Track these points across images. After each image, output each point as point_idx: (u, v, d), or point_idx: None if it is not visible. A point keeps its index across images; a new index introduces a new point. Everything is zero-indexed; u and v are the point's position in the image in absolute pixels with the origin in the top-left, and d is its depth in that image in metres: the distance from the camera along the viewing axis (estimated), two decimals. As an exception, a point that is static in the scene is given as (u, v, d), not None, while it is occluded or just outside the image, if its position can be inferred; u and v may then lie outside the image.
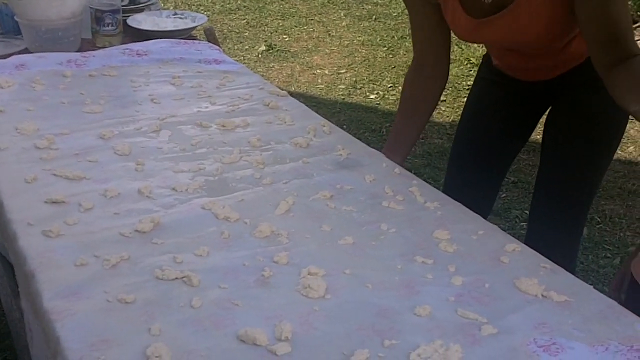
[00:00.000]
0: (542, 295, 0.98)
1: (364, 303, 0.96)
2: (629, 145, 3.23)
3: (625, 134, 3.26)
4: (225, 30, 4.79)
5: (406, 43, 4.60)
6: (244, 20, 5.04)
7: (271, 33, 4.79)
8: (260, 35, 4.74)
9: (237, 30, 4.83)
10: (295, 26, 4.95)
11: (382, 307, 0.95)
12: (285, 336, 0.87)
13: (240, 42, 4.59)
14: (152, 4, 2.37)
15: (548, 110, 1.50)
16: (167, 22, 2.24)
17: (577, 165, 1.42)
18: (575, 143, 1.41)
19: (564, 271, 1.06)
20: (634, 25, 5.18)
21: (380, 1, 5.56)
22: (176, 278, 0.98)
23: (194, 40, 2.10)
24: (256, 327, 0.88)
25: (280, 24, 4.99)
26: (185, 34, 2.20)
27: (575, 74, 1.38)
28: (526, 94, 1.49)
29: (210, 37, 2.16)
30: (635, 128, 3.39)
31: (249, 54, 4.39)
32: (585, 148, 1.40)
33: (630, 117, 1.40)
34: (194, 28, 2.25)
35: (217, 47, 2.07)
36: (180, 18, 2.28)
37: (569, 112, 1.41)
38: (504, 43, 1.39)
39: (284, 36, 4.75)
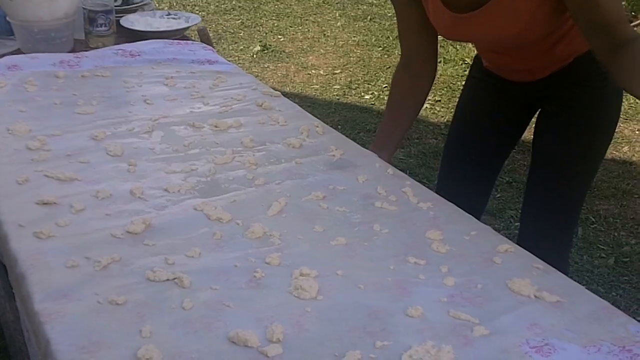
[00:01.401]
0: (535, 296, 0.98)
1: (356, 304, 0.96)
2: (623, 145, 3.23)
3: (619, 134, 3.30)
4: (220, 31, 4.79)
5: (401, 43, 4.59)
6: (239, 21, 5.04)
7: (266, 33, 4.79)
8: (255, 36, 4.73)
9: (232, 31, 4.82)
10: (290, 26, 4.95)
11: (374, 308, 0.95)
12: (276, 338, 0.87)
13: (235, 43, 4.59)
14: (145, 4, 2.36)
15: (539, 110, 1.50)
16: (160, 23, 2.23)
17: (567, 165, 1.42)
18: (565, 142, 1.41)
19: (556, 272, 1.06)
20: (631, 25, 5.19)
21: (375, 1, 5.56)
22: (167, 279, 0.98)
23: (187, 41, 2.10)
24: (247, 329, 0.88)
25: (275, 24, 4.99)
26: (178, 35, 2.19)
27: (565, 74, 1.38)
28: (517, 93, 1.49)
29: (204, 37, 2.15)
30: (630, 128, 3.40)
31: (243, 54, 4.38)
32: (575, 147, 1.41)
33: (622, 116, 1.39)
34: (187, 28, 2.24)
35: (211, 48, 2.07)
36: (174, 18, 2.27)
37: (559, 112, 1.41)
38: (485, 40, 1.40)
39: (279, 36, 4.74)
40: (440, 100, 3.73)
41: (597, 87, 1.27)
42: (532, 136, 1.52)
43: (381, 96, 3.78)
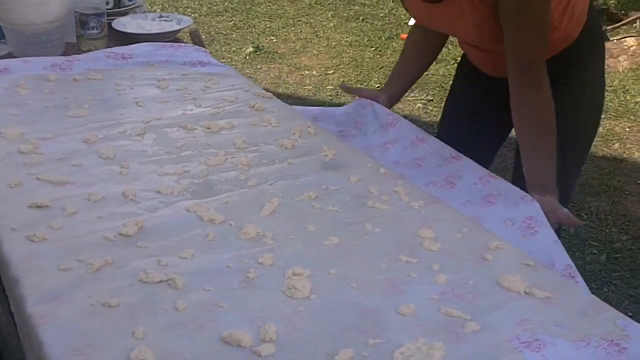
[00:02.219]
0: (525, 292, 0.99)
1: (349, 303, 0.96)
2: (614, 142, 3.25)
3: (610, 131, 3.32)
4: (212, 32, 4.79)
5: (393, 43, 4.61)
6: (231, 22, 5.04)
7: (258, 34, 4.79)
8: (248, 37, 4.74)
9: (225, 32, 4.82)
10: (283, 27, 4.96)
11: (367, 307, 0.95)
12: (269, 337, 0.87)
13: (228, 44, 4.59)
14: (137, 6, 2.37)
15: None
16: (152, 25, 2.23)
17: None
18: None
19: (547, 268, 1.07)
20: (619, 24, 5.22)
21: (367, 2, 5.57)
22: (160, 281, 0.98)
23: (180, 43, 2.10)
24: (240, 329, 0.89)
25: (268, 26, 5.00)
26: (170, 37, 2.20)
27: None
28: (500, 89, 1.49)
29: (196, 39, 2.16)
30: (620, 125, 3.42)
31: (236, 55, 4.39)
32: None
33: (613, 113, 1.41)
34: (179, 31, 2.24)
35: (204, 49, 2.07)
36: (166, 21, 2.28)
37: None
38: (448, 32, 1.49)
39: (272, 37, 4.75)
40: (432, 100, 3.75)
41: (575, 84, 1.29)
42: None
43: (374, 96, 3.79)
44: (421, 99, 3.77)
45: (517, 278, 1.01)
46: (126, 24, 2.20)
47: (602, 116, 3.56)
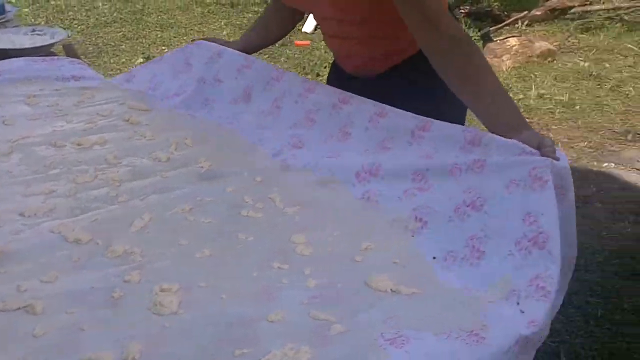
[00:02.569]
0: (392, 290, 1.02)
1: (219, 314, 0.96)
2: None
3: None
4: (100, 44, 4.64)
5: (287, 50, 4.64)
6: (121, 33, 4.91)
7: (149, 45, 4.69)
8: (138, 48, 4.63)
9: (113, 44, 4.69)
10: (175, 37, 4.88)
11: (236, 317, 0.95)
12: (132, 357, 0.85)
13: (117, 55, 4.46)
14: (7, 20, 2.26)
15: None
16: (24, 40, 2.14)
17: None
18: None
19: (414, 265, 1.10)
20: (501, 25, 5.50)
21: (260, 10, 5.58)
22: (18, 308, 0.94)
23: (54, 57, 2.02)
24: (104, 351, 0.86)
25: (159, 35, 4.90)
26: (44, 51, 2.11)
27: (406, 69, 1.42)
28: (367, 88, 1.52)
29: (70, 53, 2.08)
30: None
31: (125, 67, 4.28)
32: None
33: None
34: (53, 44, 2.16)
35: (80, 62, 2.00)
36: (39, 34, 2.19)
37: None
38: (305, 9, 1.56)
39: (163, 47, 4.66)
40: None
41: (429, 88, 1.32)
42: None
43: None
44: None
45: (384, 277, 1.03)
46: (-5, 39, 2.09)
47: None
